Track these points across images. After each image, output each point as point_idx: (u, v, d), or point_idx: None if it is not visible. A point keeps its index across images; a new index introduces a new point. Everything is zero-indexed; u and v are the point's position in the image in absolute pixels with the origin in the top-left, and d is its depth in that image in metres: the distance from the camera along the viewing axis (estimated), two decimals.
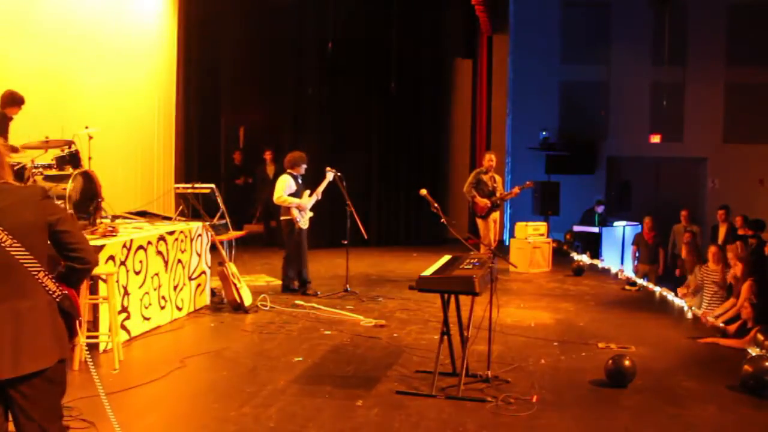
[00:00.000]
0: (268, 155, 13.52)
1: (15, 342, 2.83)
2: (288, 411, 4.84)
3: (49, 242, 3.00)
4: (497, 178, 10.65)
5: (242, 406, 4.89)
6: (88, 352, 4.41)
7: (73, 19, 8.89)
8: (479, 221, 10.57)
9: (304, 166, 8.78)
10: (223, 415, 4.73)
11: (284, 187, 8.60)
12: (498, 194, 10.51)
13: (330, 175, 8.86)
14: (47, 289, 2.92)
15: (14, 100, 6.95)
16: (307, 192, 8.77)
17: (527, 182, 10.91)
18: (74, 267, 3.01)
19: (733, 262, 8.19)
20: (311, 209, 8.84)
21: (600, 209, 14.31)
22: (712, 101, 16.25)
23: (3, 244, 2.83)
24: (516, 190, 10.68)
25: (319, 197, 8.86)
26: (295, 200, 8.61)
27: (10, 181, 3.02)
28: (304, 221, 8.69)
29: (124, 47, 9.94)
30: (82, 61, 9.00)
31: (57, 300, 2.95)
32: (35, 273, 2.88)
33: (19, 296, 2.86)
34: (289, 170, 8.74)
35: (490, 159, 10.58)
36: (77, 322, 3.07)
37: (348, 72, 13.50)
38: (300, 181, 8.76)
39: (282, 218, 8.77)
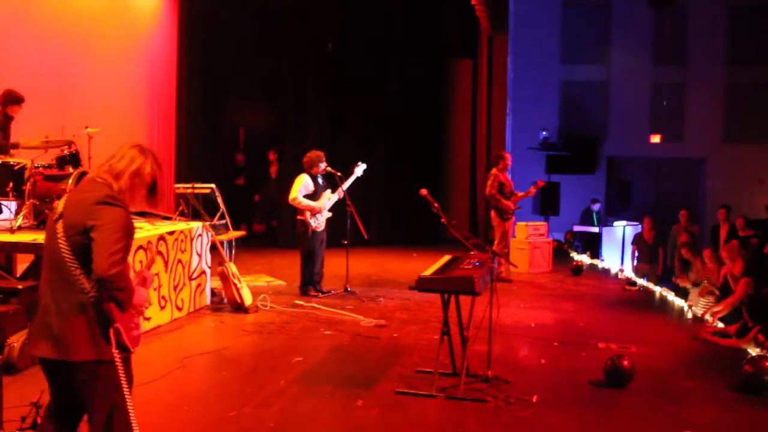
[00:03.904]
0: (272, 155, 13.55)
1: (50, 328, 3.05)
2: (288, 411, 4.84)
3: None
4: (508, 178, 10.52)
5: (242, 406, 4.89)
6: None
7: (74, 19, 8.90)
8: (499, 223, 10.23)
9: (323, 165, 8.61)
10: (224, 415, 4.73)
11: (299, 187, 8.48)
12: (515, 195, 10.32)
13: (359, 171, 8.79)
14: (82, 287, 3.04)
15: (14, 99, 6.95)
16: (327, 192, 8.64)
17: (539, 180, 10.84)
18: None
19: (729, 261, 8.20)
20: (330, 210, 8.68)
21: (596, 207, 14.31)
22: (712, 101, 16.26)
23: (58, 239, 3.07)
24: (532, 189, 10.59)
25: (341, 196, 8.71)
26: (309, 203, 8.48)
27: (102, 177, 3.17)
28: (318, 223, 8.56)
29: (124, 47, 9.94)
30: (82, 61, 9.00)
31: (91, 301, 3.04)
32: (73, 269, 3.04)
33: (62, 289, 3.08)
34: (307, 170, 8.61)
35: (508, 159, 10.36)
36: (111, 330, 3.07)
37: (348, 72, 13.50)
38: (320, 181, 8.64)
39: (297, 218, 8.63)
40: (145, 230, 7.10)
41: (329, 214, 8.73)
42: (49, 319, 3.07)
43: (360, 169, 8.85)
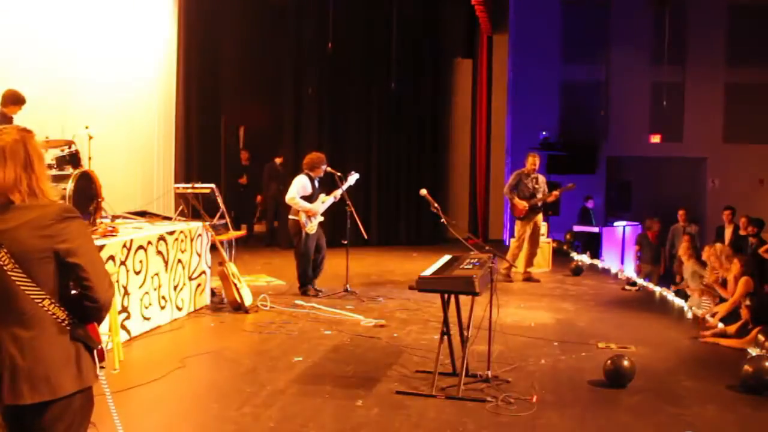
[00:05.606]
0: (277, 159, 13.58)
1: (14, 370, 2.62)
2: (288, 411, 4.83)
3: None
4: (540, 179, 10.47)
5: (242, 406, 4.89)
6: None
7: (74, 19, 8.89)
8: (518, 223, 10.53)
9: (324, 167, 8.62)
10: (223, 415, 4.73)
11: (298, 187, 8.48)
12: (540, 196, 10.34)
13: (351, 180, 8.82)
14: (55, 317, 2.66)
15: (15, 100, 6.94)
16: (322, 196, 8.63)
17: (569, 184, 10.86)
18: (82, 303, 2.69)
19: (718, 263, 8.19)
20: (323, 214, 8.68)
21: (590, 204, 14.29)
22: (712, 101, 16.27)
23: (5, 269, 2.58)
24: (556, 192, 10.59)
25: (336, 199, 8.73)
26: (306, 205, 8.45)
27: (38, 195, 2.68)
28: (311, 226, 8.53)
29: (125, 47, 9.94)
30: (82, 61, 9.00)
31: (68, 329, 2.69)
32: (39, 302, 2.63)
33: (20, 325, 2.62)
34: (307, 171, 8.63)
35: (533, 162, 10.41)
36: (95, 352, 2.77)
37: (348, 72, 13.51)
38: (317, 184, 8.63)
39: (290, 217, 8.63)
40: (144, 230, 7.10)
41: (322, 218, 8.72)
42: (13, 362, 2.62)
43: (353, 178, 8.85)
